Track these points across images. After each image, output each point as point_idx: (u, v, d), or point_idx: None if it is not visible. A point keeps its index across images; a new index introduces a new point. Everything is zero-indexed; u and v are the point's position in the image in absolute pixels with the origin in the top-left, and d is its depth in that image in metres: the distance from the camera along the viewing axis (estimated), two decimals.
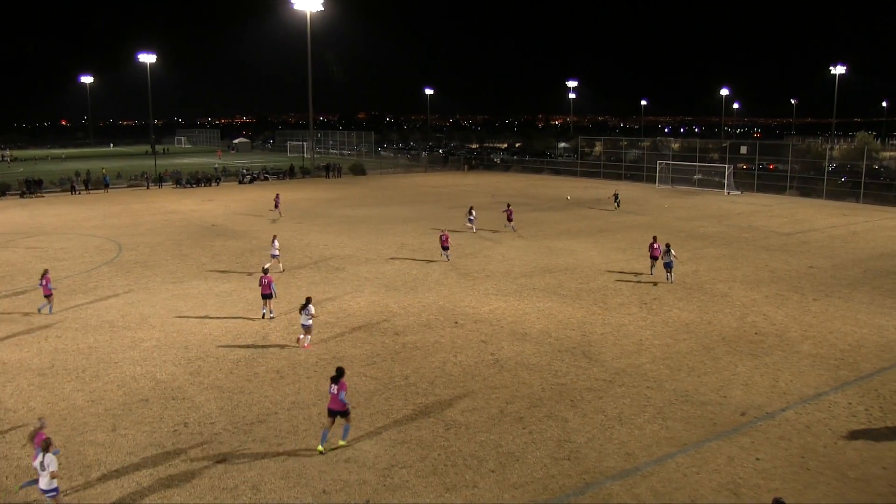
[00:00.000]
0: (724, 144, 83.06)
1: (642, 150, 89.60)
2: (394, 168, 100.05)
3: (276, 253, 31.86)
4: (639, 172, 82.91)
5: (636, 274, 30.85)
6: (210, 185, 74.35)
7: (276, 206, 50.00)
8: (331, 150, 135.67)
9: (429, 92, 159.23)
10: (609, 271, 31.57)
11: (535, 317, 24.45)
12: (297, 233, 42.11)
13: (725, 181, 69.15)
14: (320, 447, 14.86)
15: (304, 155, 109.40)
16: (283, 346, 21.39)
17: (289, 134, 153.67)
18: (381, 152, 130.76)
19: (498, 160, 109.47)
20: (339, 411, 14.97)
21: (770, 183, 69.80)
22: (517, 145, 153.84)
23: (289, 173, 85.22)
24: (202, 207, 54.68)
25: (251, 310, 25.19)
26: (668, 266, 29.18)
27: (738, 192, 68.46)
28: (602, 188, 72.66)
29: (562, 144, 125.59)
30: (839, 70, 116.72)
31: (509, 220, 43.42)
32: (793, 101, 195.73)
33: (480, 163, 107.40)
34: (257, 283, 26.31)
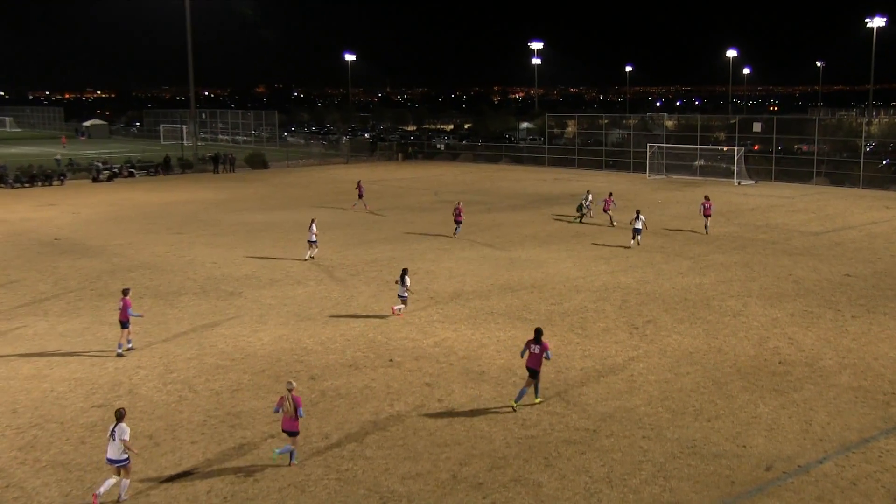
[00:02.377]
0: (733, 121, 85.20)
1: (628, 131, 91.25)
2: (305, 159, 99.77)
3: (314, 238, 37.32)
4: (624, 159, 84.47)
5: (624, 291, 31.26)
6: (50, 185, 72.90)
7: (361, 196, 55.99)
8: (220, 137, 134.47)
9: (349, 58, 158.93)
10: (589, 288, 31.88)
11: (495, 349, 24.49)
12: (176, 247, 41.49)
13: (735, 168, 70.89)
14: (514, 403, 20.10)
15: (184, 142, 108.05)
16: (154, 402, 20.92)
17: (162, 114, 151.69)
18: (289, 138, 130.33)
19: (442, 146, 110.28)
20: (537, 370, 20.19)
21: (792, 169, 71.73)
22: (467, 127, 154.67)
23: (163, 167, 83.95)
24: (39, 215, 53.42)
25: (113, 351, 24.62)
26: (636, 232, 39.47)
27: (752, 182, 70.17)
28: (577, 180, 73.59)
29: (524, 125, 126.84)
30: (877, 23, 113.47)
31: (457, 221, 43.69)
32: (819, 65, 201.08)
33: (419, 150, 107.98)
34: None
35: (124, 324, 24.43)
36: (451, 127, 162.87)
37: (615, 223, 46.22)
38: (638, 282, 32.83)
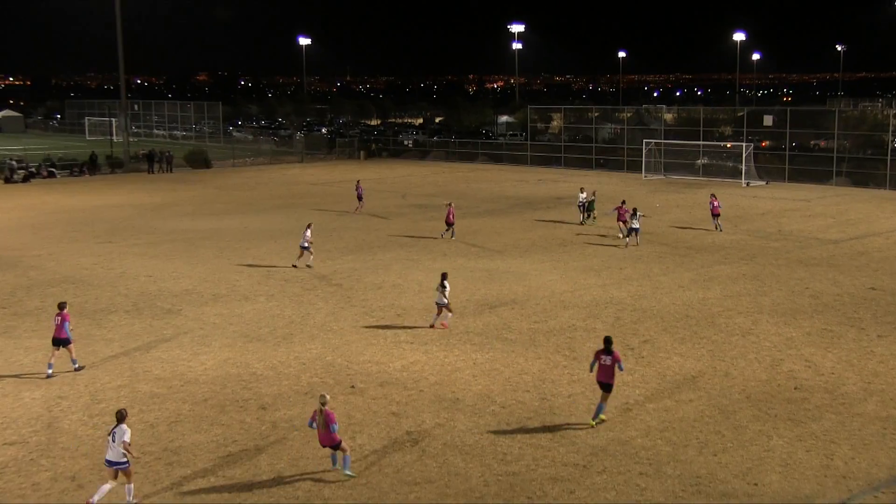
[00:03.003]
0: (741, 113, 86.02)
1: (621, 125, 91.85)
2: (254, 157, 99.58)
3: (307, 244, 38.47)
4: (617, 157, 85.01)
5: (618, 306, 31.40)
6: None
7: (360, 199, 56.58)
8: (156, 131, 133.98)
9: (304, 42, 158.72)
10: (578, 304, 32.00)
11: (471, 374, 24.50)
12: (104, 258, 41.22)
13: (743, 167, 71.46)
14: (593, 422, 20.99)
15: (114, 138, 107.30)
16: (79, 437, 20.72)
17: (87, 105, 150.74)
18: (234, 133, 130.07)
19: (410, 143, 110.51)
20: (610, 384, 21.10)
21: (808, 168, 72.41)
22: (438, 121, 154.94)
23: (89, 166, 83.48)
24: None
25: (29, 379, 24.39)
26: (634, 231, 42.80)
27: (763, 183, 70.77)
28: (564, 181, 73.87)
29: (504, 119, 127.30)
30: None
31: (448, 223, 45.75)
32: (839, 49, 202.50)
33: (384, 147, 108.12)
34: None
35: (61, 342, 24.59)
36: (421, 121, 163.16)
37: (627, 239, 44.08)
38: (633, 296, 33.00)
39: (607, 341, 21.36)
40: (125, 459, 17.10)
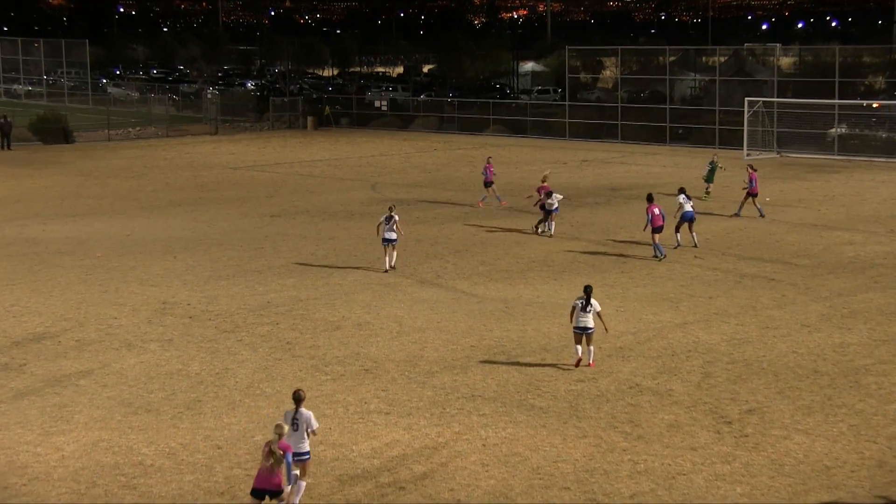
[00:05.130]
0: None
1: (710, 76, 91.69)
2: (141, 126, 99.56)
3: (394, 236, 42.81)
4: (703, 125, 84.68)
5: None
6: None
7: (488, 185, 58.37)
8: None
9: None
10: (644, 352, 31.96)
11: (479, 462, 24.43)
12: None
13: None
14: None
15: None
16: None
17: None
18: (111, 89, 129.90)
19: (383, 104, 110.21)
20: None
21: None
22: (427, 71, 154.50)
23: None
24: None
25: None
26: (688, 219, 45.87)
27: None
28: (621, 162, 73.74)
29: (528, 66, 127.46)
30: None
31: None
32: None
33: (344, 111, 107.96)
34: None
35: None
36: (401, 71, 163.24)
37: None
38: (730, 340, 33.00)
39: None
40: (308, 449, 21.84)
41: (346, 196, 60.81)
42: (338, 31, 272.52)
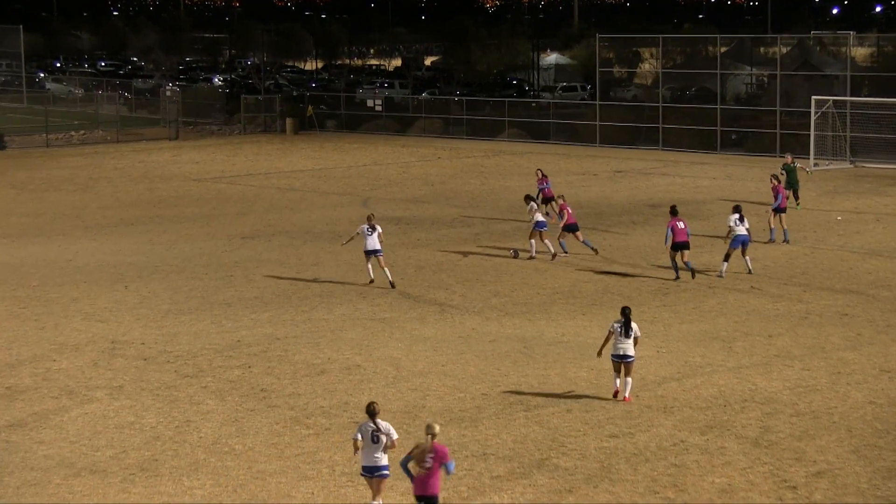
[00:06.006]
0: None
1: (769, 70, 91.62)
2: (87, 129, 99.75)
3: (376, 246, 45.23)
4: (761, 128, 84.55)
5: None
6: None
7: (548, 201, 58.27)
8: None
9: None
10: (689, 402, 31.80)
11: None
12: None
13: None
14: None
15: None
16: None
17: None
18: (51, 85, 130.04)
19: (378, 104, 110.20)
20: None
21: None
22: (430, 64, 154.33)
23: None
24: None
25: None
26: (740, 243, 45.82)
27: None
28: (663, 172, 73.72)
29: (552, 58, 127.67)
30: None
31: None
32: None
33: (331, 112, 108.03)
34: None
35: None
36: (398, 64, 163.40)
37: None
38: (793, 389, 32.86)
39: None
40: (387, 464, 23.79)
41: (332, 213, 60.76)
42: (322, 16, 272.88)
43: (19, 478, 27.26)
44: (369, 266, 44.63)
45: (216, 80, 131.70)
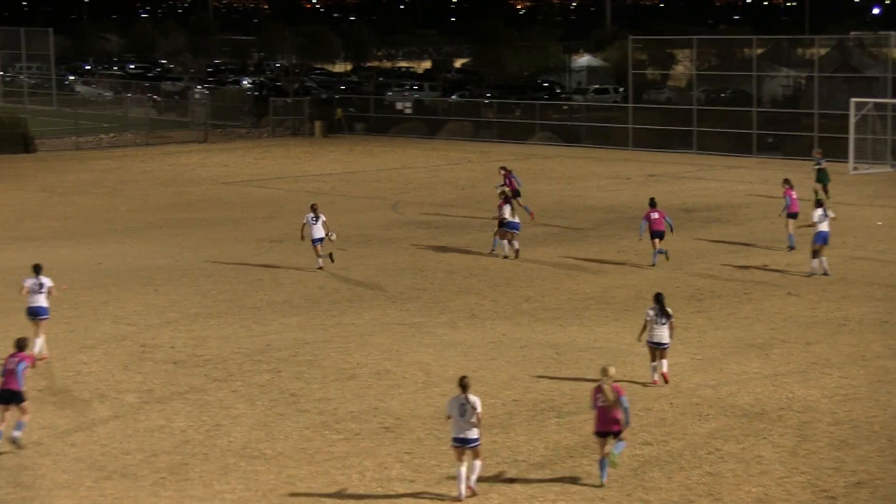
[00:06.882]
0: None
1: (807, 72, 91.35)
2: (116, 132, 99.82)
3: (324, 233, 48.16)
4: (799, 132, 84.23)
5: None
6: None
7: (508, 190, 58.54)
8: None
9: None
10: (725, 409, 31.69)
11: None
12: None
13: None
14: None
15: None
16: None
17: None
18: (80, 87, 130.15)
19: (407, 107, 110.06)
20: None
21: None
22: (460, 66, 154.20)
23: None
24: None
25: None
26: (820, 239, 46.72)
27: None
28: (699, 177, 73.60)
29: (584, 60, 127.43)
30: None
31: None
32: None
33: (360, 115, 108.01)
34: None
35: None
36: (428, 66, 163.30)
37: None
38: (832, 396, 32.73)
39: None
40: (477, 436, 25.38)
41: (361, 218, 60.76)
42: (351, 18, 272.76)
43: (51, 480, 27.32)
44: (318, 255, 47.91)
45: (245, 82, 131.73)
